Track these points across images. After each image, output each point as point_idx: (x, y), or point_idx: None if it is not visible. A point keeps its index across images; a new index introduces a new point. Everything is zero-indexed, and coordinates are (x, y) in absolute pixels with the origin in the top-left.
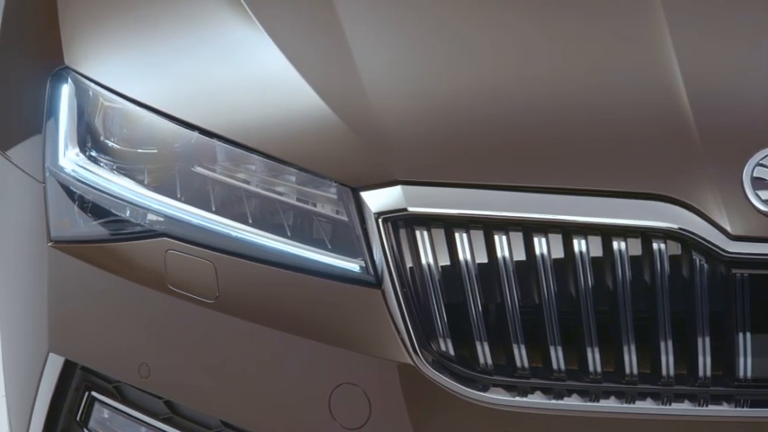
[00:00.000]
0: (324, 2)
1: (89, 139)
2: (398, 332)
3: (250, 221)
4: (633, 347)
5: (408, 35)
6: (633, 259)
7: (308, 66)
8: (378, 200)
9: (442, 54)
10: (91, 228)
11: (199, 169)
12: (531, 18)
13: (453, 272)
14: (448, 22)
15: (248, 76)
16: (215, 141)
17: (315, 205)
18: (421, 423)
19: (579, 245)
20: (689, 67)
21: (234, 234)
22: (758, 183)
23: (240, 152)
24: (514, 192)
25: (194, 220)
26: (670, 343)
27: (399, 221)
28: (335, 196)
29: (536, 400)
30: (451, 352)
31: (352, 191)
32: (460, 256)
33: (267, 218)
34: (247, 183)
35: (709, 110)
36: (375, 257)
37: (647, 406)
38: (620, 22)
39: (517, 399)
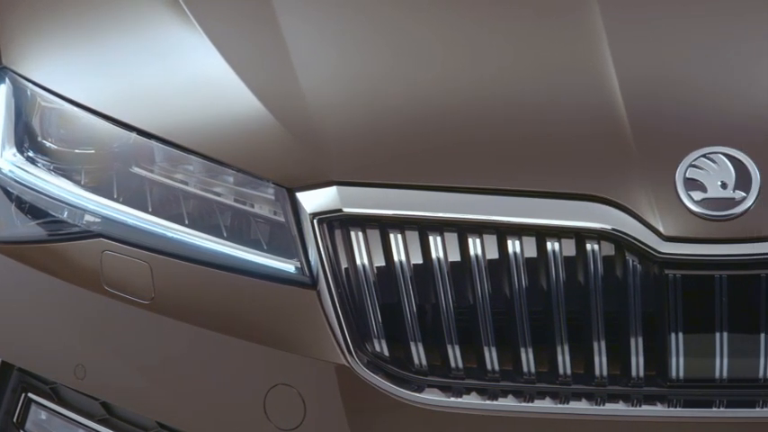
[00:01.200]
0: (263, 3)
1: (27, 140)
2: (333, 333)
3: (186, 222)
4: (567, 348)
5: (347, 37)
6: (567, 260)
7: (246, 67)
8: (313, 200)
9: (380, 56)
10: (28, 228)
11: (136, 170)
12: (469, 19)
13: (388, 273)
14: (387, 24)
15: (186, 78)
16: (153, 142)
17: (252, 206)
18: (356, 424)
19: (513, 246)
20: (624, 68)
21: (170, 235)
22: (691, 184)
23: (178, 153)
24: (449, 193)
25: (131, 221)
26: (603, 343)
27: (335, 222)
28: (273, 197)
29: (471, 400)
30: (386, 353)
31: (288, 191)
32: (395, 257)
33: (204, 218)
34: (185, 183)
35: (643, 111)
36: (310, 258)
37: (580, 406)
38: (556, 23)
39: (452, 399)
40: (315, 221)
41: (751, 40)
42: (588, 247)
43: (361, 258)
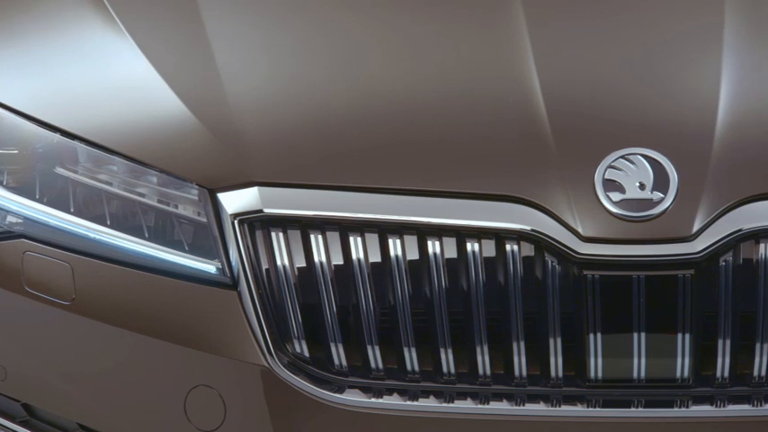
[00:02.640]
0: (189, 6)
1: None
2: (253, 334)
3: (109, 223)
4: (486, 349)
5: (273, 39)
6: (487, 261)
7: (170, 69)
8: (234, 201)
9: (304, 59)
10: None
11: (60, 171)
12: (393, 21)
13: (309, 273)
14: (311, 28)
15: (111, 79)
16: (77, 143)
17: (177, 207)
18: (277, 425)
19: (433, 246)
20: (546, 71)
21: (92, 236)
22: (609, 185)
23: (102, 154)
24: (370, 193)
25: (52, 222)
26: (522, 344)
27: (255, 223)
28: (196, 198)
29: (391, 401)
30: (306, 354)
31: (210, 192)
32: (315, 258)
33: (126, 219)
34: (108, 184)
35: (563, 113)
36: (231, 259)
37: (500, 407)
38: (480, 25)
39: (372, 400)
40: (235, 222)
41: (670, 43)
42: (508, 247)
43: (281, 259)
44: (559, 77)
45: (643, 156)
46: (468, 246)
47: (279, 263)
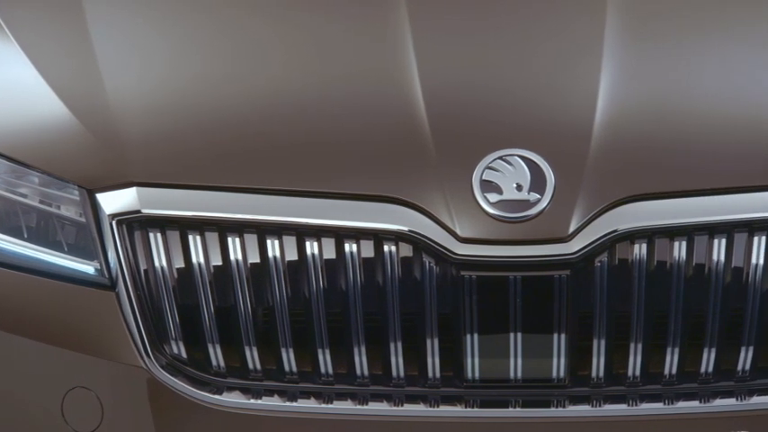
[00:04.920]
0: (72, 5)
1: None
2: (131, 335)
3: None
4: (364, 349)
5: (155, 41)
6: (365, 261)
7: (51, 69)
8: (113, 202)
9: (186, 60)
10: None
11: None
12: (277, 21)
13: (187, 274)
14: (194, 28)
15: None
16: None
17: (59, 207)
18: (158, 426)
19: (312, 247)
20: (427, 72)
21: None
22: (487, 186)
23: None
24: (248, 194)
25: None
26: (400, 344)
27: (134, 223)
28: (78, 198)
29: (270, 402)
30: (184, 355)
31: (89, 192)
32: (193, 259)
33: (6, 220)
34: None
35: (443, 114)
36: (110, 260)
37: (379, 407)
38: (364, 26)
39: (251, 401)
40: (113, 222)
41: (551, 45)
42: (386, 248)
43: (159, 260)
44: (440, 78)
45: (520, 157)
46: (347, 246)
47: (157, 264)
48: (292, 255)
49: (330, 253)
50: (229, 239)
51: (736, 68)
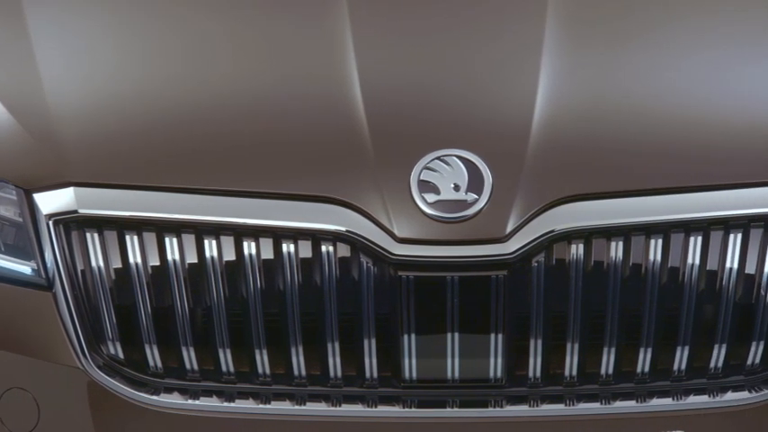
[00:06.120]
0: (12, 7)
1: None
2: (68, 335)
3: None
4: (301, 349)
5: (96, 43)
6: (303, 261)
7: None
8: (50, 202)
9: (125, 61)
10: None
11: None
12: (219, 23)
13: (124, 275)
14: (136, 30)
15: None
16: None
17: None
18: (95, 427)
19: (249, 247)
20: (367, 73)
21: None
22: (424, 186)
23: None
24: (187, 194)
25: None
26: (337, 345)
27: (71, 224)
28: (15, 198)
29: (208, 403)
30: (121, 355)
31: (26, 192)
32: (131, 259)
33: None
34: None
35: (382, 115)
36: (47, 260)
37: (317, 408)
38: (304, 25)
39: (189, 402)
40: (50, 223)
41: (491, 45)
42: (323, 248)
43: (96, 260)
44: (380, 79)
45: (458, 157)
46: (284, 247)
47: (94, 264)
48: (230, 255)
49: (268, 253)
50: (167, 240)
51: (672, 70)
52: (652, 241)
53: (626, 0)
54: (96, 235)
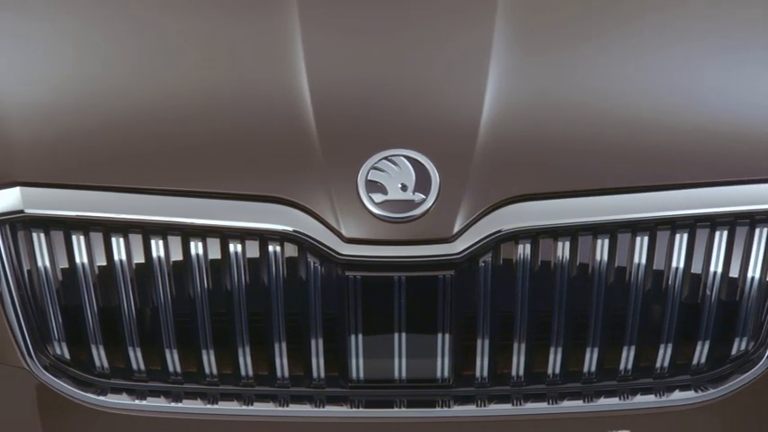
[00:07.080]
0: None
1: None
2: (14, 336)
3: None
4: (248, 350)
5: (45, 43)
6: (250, 261)
7: None
8: None
9: (73, 61)
10: None
11: None
12: (167, 20)
13: (70, 275)
14: (85, 30)
15: None
16: None
17: None
18: (42, 428)
19: (196, 247)
20: (315, 72)
21: None
22: (372, 186)
23: None
24: (133, 194)
25: None
26: (284, 345)
27: (17, 223)
28: None
29: (155, 403)
30: (67, 355)
31: None
32: (77, 259)
33: None
34: None
35: (330, 115)
36: None
37: (264, 408)
38: (254, 24)
39: (136, 402)
40: None
41: (439, 46)
42: (270, 248)
43: (42, 260)
44: (328, 79)
45: (406, 157)
46: (231, 247)
47: (40, 264)
48: (177, 255)
49: (215, 253)
50: (113, 240)
51: (620, 71)
52: (599, 241)
53: (575, 3)
54: (43, 235)
